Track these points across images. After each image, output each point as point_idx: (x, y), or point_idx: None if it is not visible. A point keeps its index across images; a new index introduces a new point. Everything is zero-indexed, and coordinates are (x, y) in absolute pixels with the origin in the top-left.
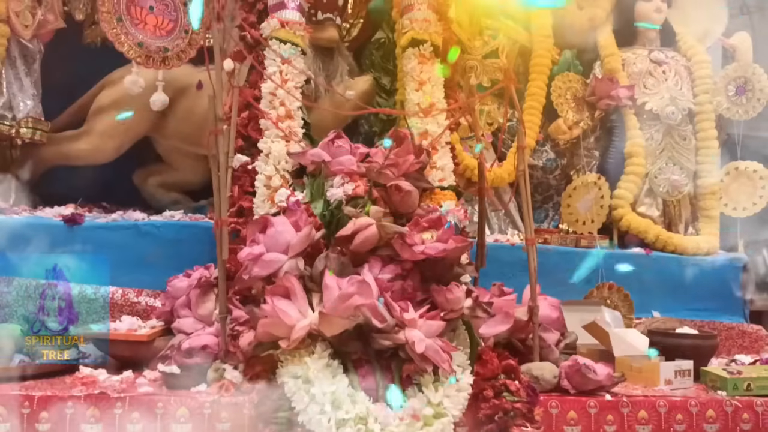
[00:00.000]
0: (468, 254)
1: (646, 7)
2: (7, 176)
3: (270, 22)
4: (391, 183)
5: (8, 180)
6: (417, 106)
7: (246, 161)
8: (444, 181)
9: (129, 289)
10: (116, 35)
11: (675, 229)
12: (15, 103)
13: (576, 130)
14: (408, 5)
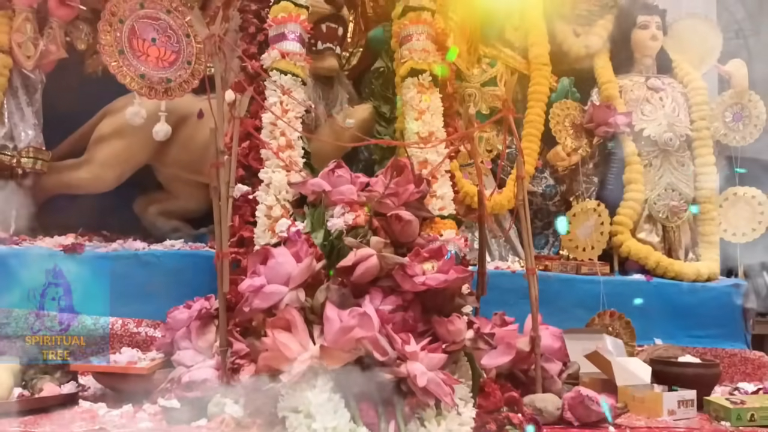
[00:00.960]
0: (469, 282)
1: (642, 34)
2: (7, 206)
3: (271, 54)
4: (391, 212)
5: (9, 210)
6: (417, 135)
7: (247, 191)
8: (444, 209)
9: (129, 319)
10: (118, 68)
11: (675, 254)
12: (16, 133)
13: (575, 156)
14: (407, 36)
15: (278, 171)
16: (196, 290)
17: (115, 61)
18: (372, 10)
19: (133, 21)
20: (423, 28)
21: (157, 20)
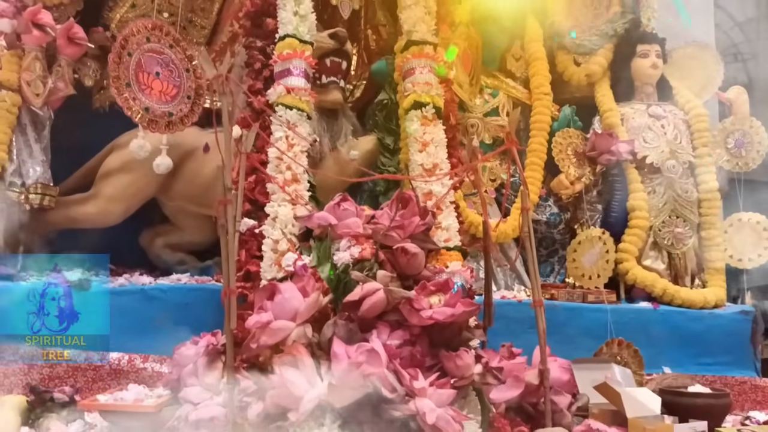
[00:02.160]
0: (476, 315)
1: (642, 63)
2: (15, 241)
3: (276, 89)
4: (397, 245)
5: (16, 245)
6: (421, 167)
7: (253, 225)
8: (450, 241)
9: (135, 354)
10: (125, 100)
11: (681, 281)
12: (24, 169)
13: (578, 185)
14: (410, 69)
15: (284, 205)
16: (203, 325)
17: (122, 94)
18: (375, 44)
19: (140, 54)
20: (426, 61)
21: (161, 54)
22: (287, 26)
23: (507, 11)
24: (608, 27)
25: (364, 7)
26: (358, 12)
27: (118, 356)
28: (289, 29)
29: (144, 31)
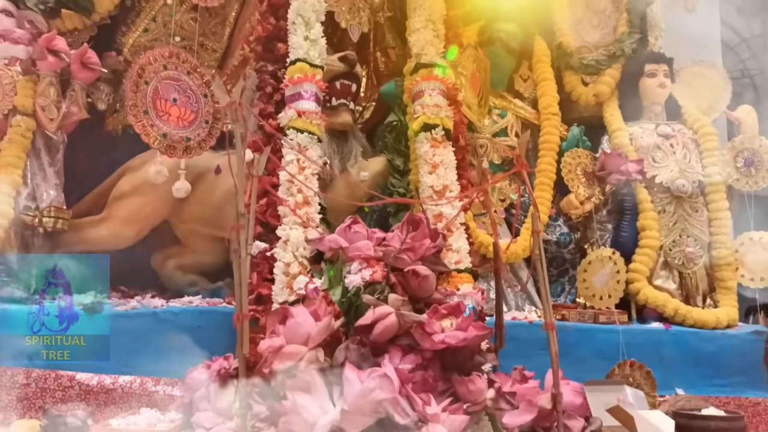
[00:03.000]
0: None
1: (650, 83)
2: (29, 264)
3: (287, 113)
4: (408, 268)
5: (30, 268)
6: (431, 189)
7: (265, 248)
8: (460, 263)
9: (147, 378)
10: (143, 127)
11: (693, 301)
12: (38, 193)
13: (588, 204)
14: (419, 92)
15: (296, 228)
16: (215, 347)
17: (140, 121)
18: (384, 66)
19: (157, 82)
20: (435, 84)
21: (178, 81)
22: (298, 51)
23: (514, 32)
24: (616, 47)
25: (373, 30)
26: (367, 35)
27: (130, 379)
28: (299, 53)
29: (161, 59)
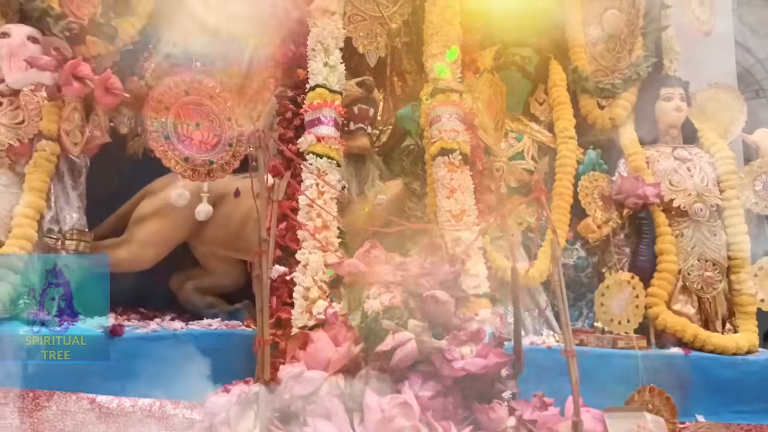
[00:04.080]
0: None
1: (666, 106)
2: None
3: (307, 138)
4: (427, 293)
5: (52, 291)
6: (449, 213)
7: (284, 272)
8: (479, 288)
9: (166, 401)
10: (164, 152)
11: (712, 326)
12: (61, 216)
13: (605, 228)
14: (436, 116)
15: (315, 252)
16: (234, 370)
17: (161, 146)
18: (400, 90)
19: (179, 107)
20: (452, 109)
21: (200, 106)
22: (317, 77)
23: (529, 57)
24: (631, 71)
25: (389, 55)
26: (384, 59)
27: (149, 402)
28: (319, 79)
29: (182, 85)
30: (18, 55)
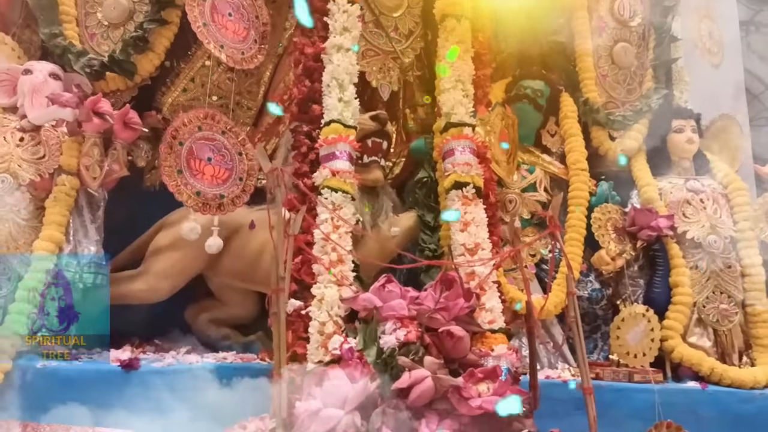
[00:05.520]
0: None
1: (677, 138)
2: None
3: (322, 172)
4: (443, 329)
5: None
6: (463, 247)
7: (300, 306)
8: (494, 323)
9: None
10: (176, 186)
11: (729, 359)
12: (80, 249)
13: (619, 260)
14: (449, 150)
15: (330, 287)
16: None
17: (174, 180)
18: (413, 122)
19: (192, 142)
20: (465, 142)
21: (213, 141)
22: (332, 112)
23: (540, 89)
24: (642, 102)
25: (402, 89)
26: (397, 93)
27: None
28: (334, 115)
29: (195, 121)
30: (40, 91)
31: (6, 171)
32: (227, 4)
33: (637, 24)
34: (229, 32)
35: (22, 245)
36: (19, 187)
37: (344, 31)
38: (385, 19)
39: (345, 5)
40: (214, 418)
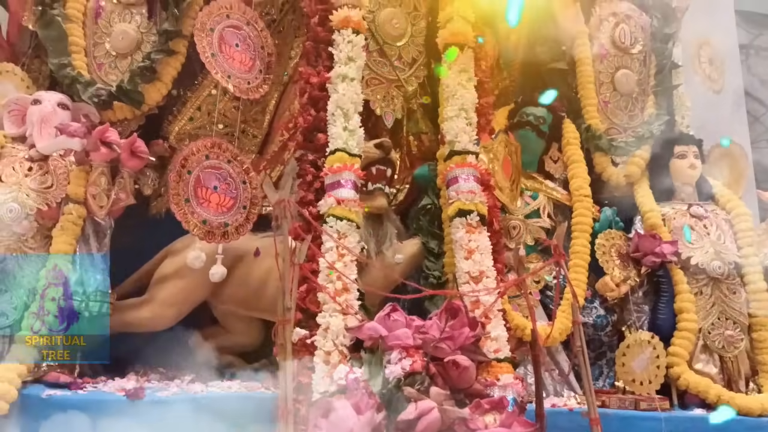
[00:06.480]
0: None
1: (680, 164)
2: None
3: (327, 201)
4: (448, 358)
5: (74, 351)
6: (467, 275)
7: (305, 335)
8: (499, 352)
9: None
10: (183, 215)
11: (736, 386)
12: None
13: (624, 287)
14: (453, 178)
15: (336, 315)
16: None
17: (181, 209)
18: (416, 149)
19: (200, 171)
20: (468, 170)
21: (219, 169)
22: (337, 141)
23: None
24: (644, 129)
25: (406, 116)
26: (400, 120)
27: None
28: (339, 144)
29: (203, 150)
30: (49, 121)
31: (14, 200)
32: (234, 35)
33: (638, 51)
34: (236, 62)
35: (29, 275)
36: (26, 216)
37: (349, 60)
38: (388, 48)
39: (350, 35)
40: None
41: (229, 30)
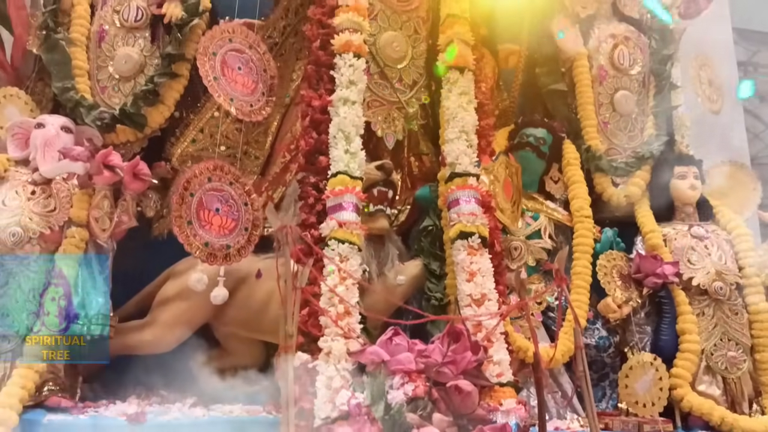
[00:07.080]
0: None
1: (680, 184)
2: (74, 372)
3: (329, 223)
4: (450, 383)
5: (75, 376)
6: (469, 297)
7: (307, 359)
8: (502, 376)
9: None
10: (186, 237)
11: (739, 408)
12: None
13: (626, 308)
14: (455, 200)
15: (338, 339)
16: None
17: (183, 231)
18: (418, 170)
19: (202, 193)
20: (470, 192)
21: (221, 191)
22: (339, 164)
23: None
24: (644, 149)
25: (407, 138)
26: (401, 142)
27: None
28: (340, 166)
29: (206, 172)
30: (52, 145)
31: (17, 224)
32: (237, 58)
33: (637, 72)
34: (239, 85)
35: (31, 298)
36: (29, 240)
37: (350, 84)
38: (389, 71)
39: (351, 59)
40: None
41: (232, 53)
